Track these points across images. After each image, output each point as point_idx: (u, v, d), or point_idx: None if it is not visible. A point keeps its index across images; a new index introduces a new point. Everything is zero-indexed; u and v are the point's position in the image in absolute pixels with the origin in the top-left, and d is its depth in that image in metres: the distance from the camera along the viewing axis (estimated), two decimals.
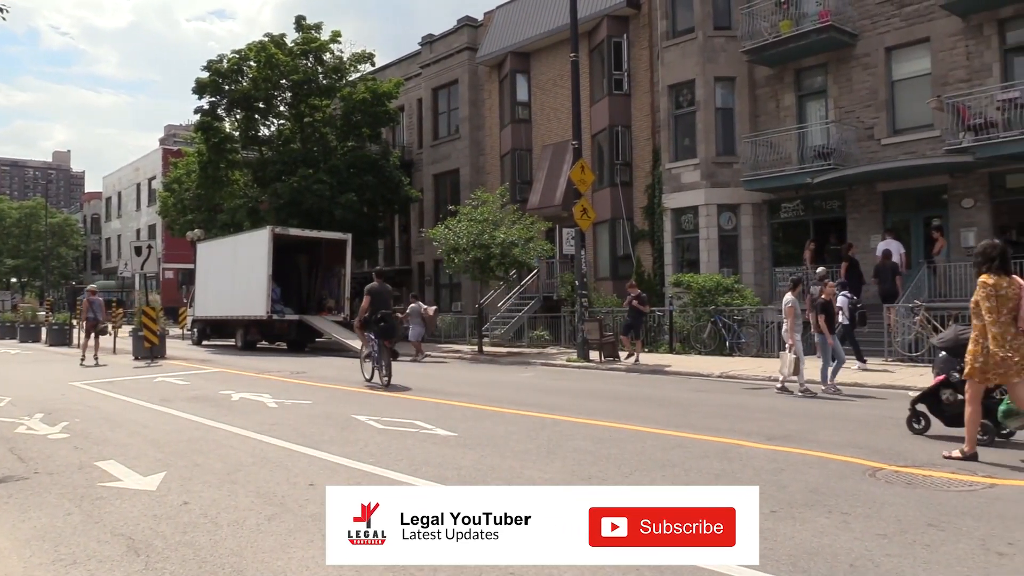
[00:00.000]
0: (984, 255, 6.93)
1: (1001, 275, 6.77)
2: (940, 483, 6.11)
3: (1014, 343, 6.62)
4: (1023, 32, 18.49)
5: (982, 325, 6.78)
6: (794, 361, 12.32)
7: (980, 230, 18.71)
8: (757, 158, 21.87)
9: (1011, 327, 6.66)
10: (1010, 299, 6.70)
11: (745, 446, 7.74)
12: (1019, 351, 6.61)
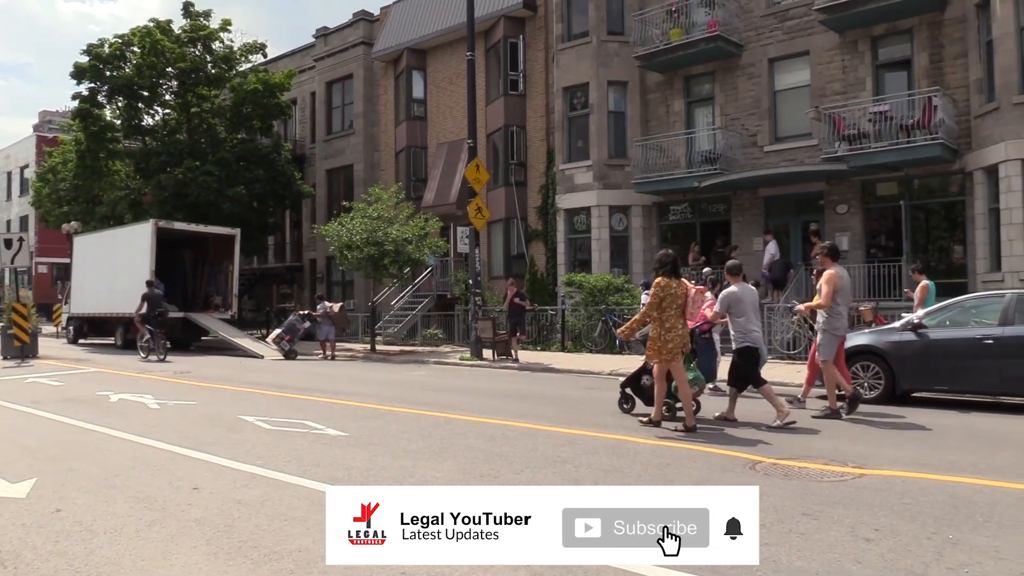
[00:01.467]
0: (660, 262, 8.93)
1: (671, 278, 8.66)
2: (814, 474, 6.42)
3: (674, 333, 8.51)
4: (893, 49, 19.63)
5: (658, 316, 8.55)
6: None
7: (853, 234, 19.79)
8: (648, 161, 22.45)
9: (678, 320, 8.62)
10: (678, 297, 8.67)
11: (633, 442, 7.93)
12: (675, 339, 8.51)
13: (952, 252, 19.02)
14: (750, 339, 9.21)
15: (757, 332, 9.34)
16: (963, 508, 5.32)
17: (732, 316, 9.32)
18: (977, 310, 11.29)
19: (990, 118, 17.08)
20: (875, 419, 9.61)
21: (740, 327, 9.24)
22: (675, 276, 8.72)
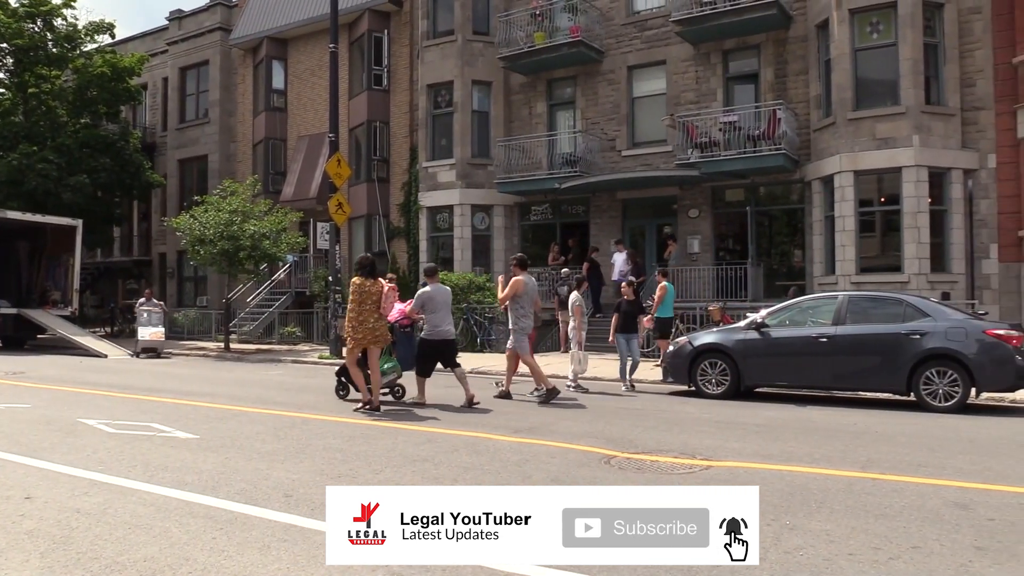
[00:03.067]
0: (359, 264, 10.36)
1: (367, 278, 10.02)
2: (666, 467, 6.68)
3: (364, 326, 9.87)
4: (743, 63, 20.70)
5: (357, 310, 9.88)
6: (585, 358, 12.57)
7: (703, 238, 20.72)
8: (510, 162, 22.70)
9: (372, 314, 9.95)
10: (373, 294, 10.00)
11: (493, 439, 8.00)
12: (365, 331, 9.88)
13: (792, 256, 20.24)
14: (437, 333, 10.69)
15: (445, 326, 10.79)
16: (799, 495, 5.67)
17: (426, 312, 10.72)
18: (813, 310, 12.08)
19: (827, 132, 18.29)
20: (722, 413, 10.10)
21: (431, 323, 10.71)
22: (371, 276, 10.14)
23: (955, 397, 10.43)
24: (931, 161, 17.06)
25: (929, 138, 17.10)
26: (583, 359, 12.57)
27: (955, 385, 10.45)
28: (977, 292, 17.19)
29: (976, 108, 17.51)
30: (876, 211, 17.90)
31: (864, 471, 6.56)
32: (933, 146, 17.12)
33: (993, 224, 17.33)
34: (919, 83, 17.13)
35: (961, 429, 8.97)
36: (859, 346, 11.13)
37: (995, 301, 17.08)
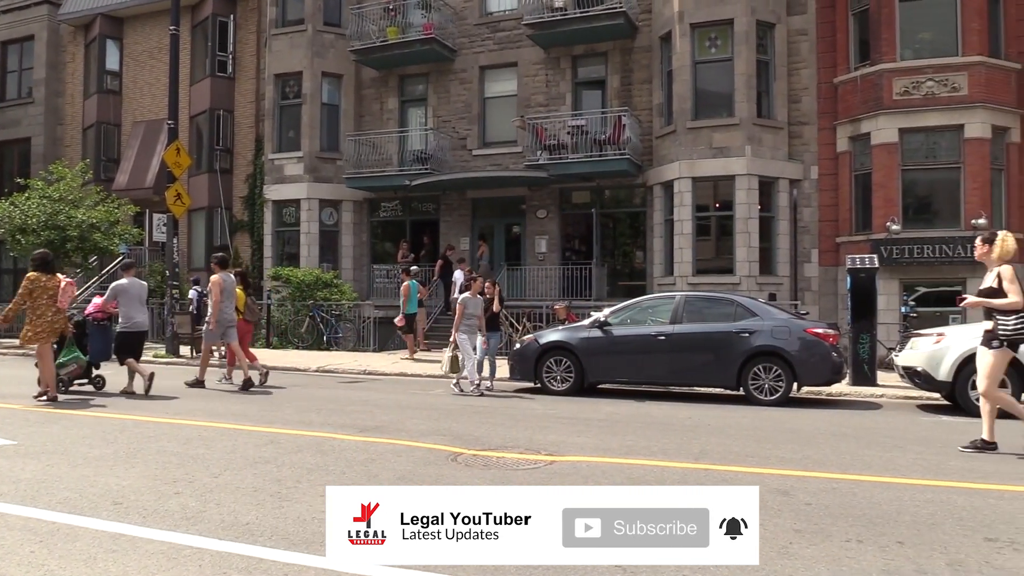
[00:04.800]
0: (34, 260, 10.54)
1: (43, 273, 10.23)
2: (511, 463, 6.77)
3: (43, 319, 10.15)
4: (591, 70, 21.30)
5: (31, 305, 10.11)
6: (452, 359, 12.32)
7: (551, 238, 21.18)
8: (360, 157, 22.36)
9: (48, 308, 10.19)
10: (48, 288, 10.20)
11: (339, 439, 7.85)
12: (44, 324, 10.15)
13: (635, 257, 21.02)
14: (133, 325, 11.42)
15: (139, 319, 11.54)
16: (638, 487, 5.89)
17: (120, 305, 11.38)
18: (653, 310, 12.61)
19: (668, 139, 19.12)
20: (566, 409, 10.35)
21: (125, 315, 11.37)
22: (47, 271, 10.31)
23: (779, 391, 11.18)
24: (761, 171, 18.19)
25: (760, 149, 18.23)
26: (447, 360, 12.41)
27: (779, 380, 11.21)
28: (800, 293, 18.48)
29: (801, 123, 18.81)
30: (711, 216, 18.88)
31: (697, 462, 6.90)
32: (763, 156, 18.26)
33: (814, 231, 18.68)
34: (752, 97, 18.22)
35: (784, 421, 9.60)
36: (694, 344, 11.71)
37: (815, 302, 18.42)
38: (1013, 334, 7.22)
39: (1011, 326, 7.21)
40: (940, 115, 16.88)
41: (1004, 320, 7.25)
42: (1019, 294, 7.14)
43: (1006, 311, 7.21)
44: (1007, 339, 7.26)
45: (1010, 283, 7.19)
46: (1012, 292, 7.14)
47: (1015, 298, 7.12)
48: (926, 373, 10.75)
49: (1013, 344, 7.31)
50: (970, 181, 16.65)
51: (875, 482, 6.20)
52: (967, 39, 16.82)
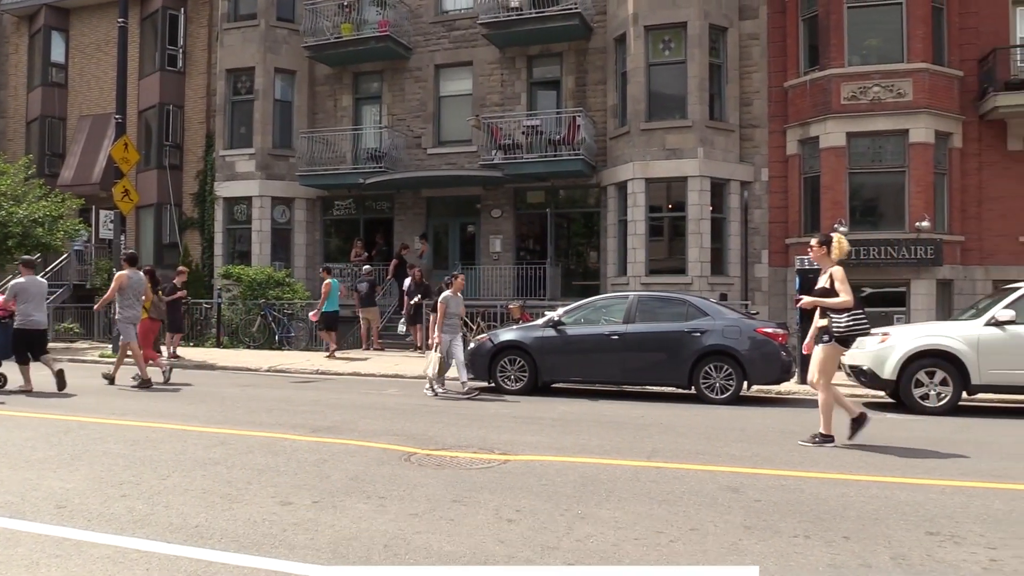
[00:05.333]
0: None
1: None
2: (464, 462, 6.77)
3: None
4: (546, 70, 21.37)
5: None
6: (439, 360, 11.76)
7: (505, 237, 21.21)
8: (313, 154, 22.14)
9: None
10: None
11: (290, 439, 7.77)
12: None
13: (589, 257, 21.15)
14: (30, 323, 11.41)
15: (37, 316, 11.50)
16: (590, 486, 5.94)
17: (19, 303, 11.38)
18: (606, 309, 12.69)
19: (622, 140, 19.27)
20: (520, 409, 10.38)
21: (23, 312, 11.39)
22: None
23: (730, 390, 11.36)
24: (713, 172, 18.43)
25: (712, 151, 18.47)
26: (435, 361, 11.82)
27: (730, 379, 11.38)
28: (750, 293, 18.77)
29: (752, 126, 19.11)
30: (664, 216, 19.07)
31: (649, 460, 6.97)
32: (715, 158, 18.50)
33: (765, 232, 18.99)
34: (704, 99, 18.46)
35: (734, 419, 9.74)
36: (647, 343, 11.82)
37: (765, 302, 18.73)
38: (845, 331, 7.67)
39: (843, 324, 7.66)
40: (886, 120, 17.29)
41: (837, 318, 7.70)
42: (849, 293, 7.64)
43: (839, 310, 7.66)
44: (839, 336, 7.72)
45: (841, 283, 7.67)
46: (843, 292, 7.63)
47: (846, 297, 7.60)
48: (872, 372, 11.03)
49: (844, 340, 7.78)
50: (914, 185, 17.08)
51: (822, 478, 6.33)
52: (912, 46, 17.24)
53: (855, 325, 7.66)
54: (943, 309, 17.26)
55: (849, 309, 7.64)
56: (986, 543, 4.64)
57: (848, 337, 7.75)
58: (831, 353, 7.86)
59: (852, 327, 7.65)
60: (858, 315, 7.68)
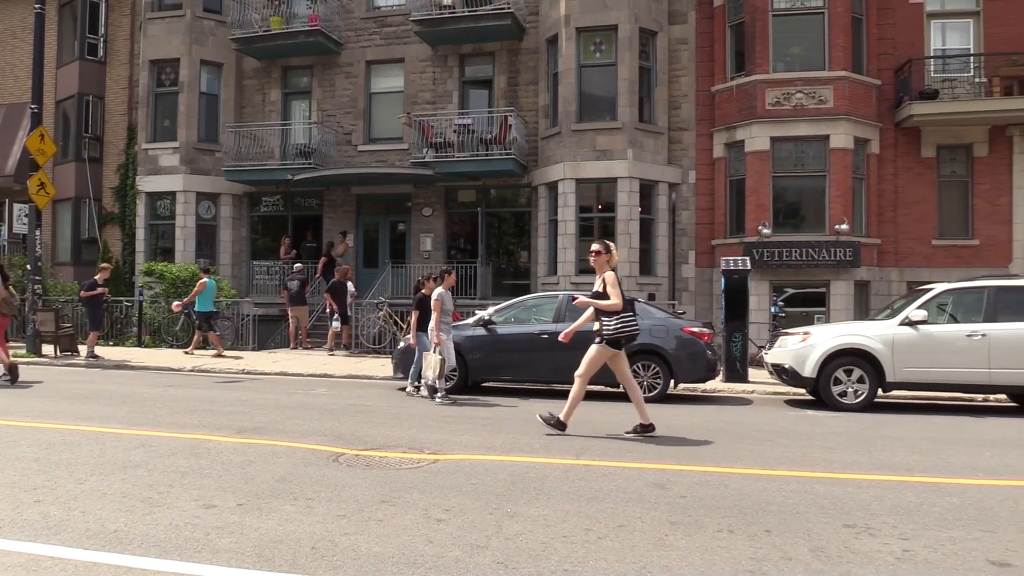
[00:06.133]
0: None
1: None
2: (394, 462, 6.72)
3: None
4: (478, 69, 21.36)
5: None
6: (440, 362, 10.93)
7: (436, 236, 21.13)
8: (240, 149, 21.69)
9: None
10: None
11: (215, 440, 7.61)
12: None
13: (520, 256, 21.22)
14: None
15: None
16: (520, 484, 5.97)
17: None
18: (536, 308, 12.77)
19: (553, 141, 19.40)
20: (450, 408, 10.36)
21: None
22: None
23: (658, 388, 11.55)
24: (642, 174, 18.69)
25: (641, 153, 18.73)
26: (436, 363, 10.95)
27: (658, 377, 11.58)
28: (678, 293, 19.12)
29: (681, 129, 19.45)
30: (594, 217, 19.25)
31: (578, 458, 7.04)
32: (644, 160, 18.77)
33: (692, 233, 19.36)
34: (634, 102, 18.71)
35: (662, 417, 9.89)
36: (576, 342, 11.89)
37: (692, 302, 19.10)
38: (614, 333, 8.07)
39: (611, 326, 8.07)
40: (808, 125, 17.80)
41: (607, 320, 8.10)
42: (619, 297, 8.06)
43: (609, 312, 8.07)
44: (608, 338, 8.10)
45: (612, 287, 8.11)
46: (613, 296, 8.06)
47: (615, 301, 8.03)
48: (793, 370, 11.35)
49: (613, 342, 8.15)
50: (834, 189, 17.62)
51: (745, 474, 6.49)
52: (833, 55, 17.79)
53: (623, 327, 8.07)
54: (861, 309, 17.87)
55: (618, 312, 8.04)
56: (899, 534, 4.83)
57: (617, 339, 8.11)
58: (599, 353, 8.21)
59: (621, 329, 8.06)
60: (627, 318, 8.09)
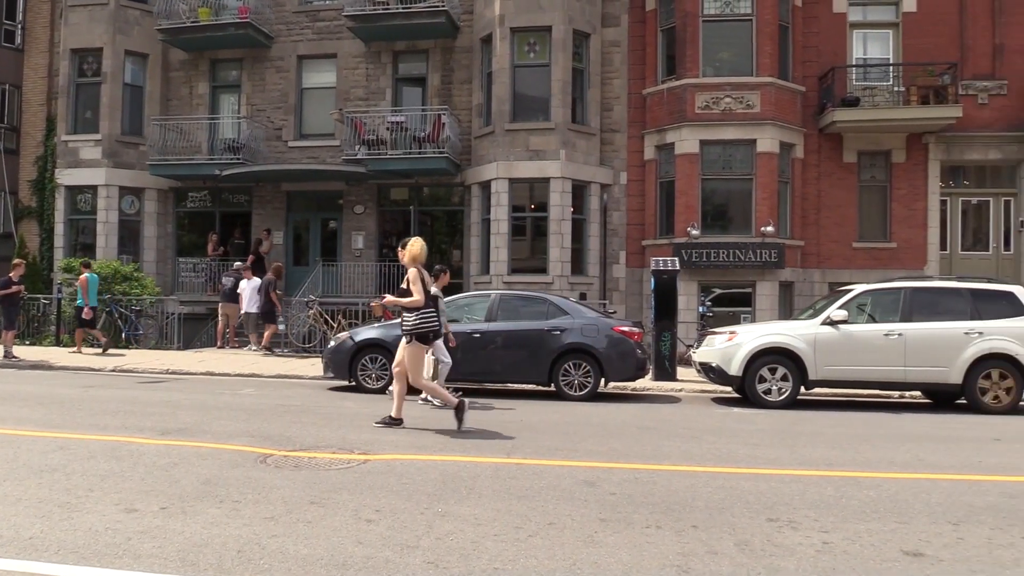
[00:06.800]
0: None
1: None
2: (323, 463, 6.65)
3: None
4: (412, 66, 21.23)
5: None
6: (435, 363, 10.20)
7: (368, 234, 20.94)
8: (166, 143, 21.10)
9: None
10: None
11: (137, 443, 7.40)
12: None
13: (452, 255, 21.16)
14: None
15: None
16: (451, 483, 5.97)
17: None
18: (469, 308, 12.77)
19: (487, 140, 19.41)
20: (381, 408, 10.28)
21: None
22: None
23: (588, 387, 11.68)
24: (574, 174, 18.85)
25: (574, 153, 18.89)
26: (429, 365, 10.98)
27: (588, 376, 11.71)
28: (608, 293, 19.34)
29: (613, 130, 19.68)
30: (527, 217, 19.34)
31: (509, 457, 7.07)
32: (577, 161, 18.93)
33: (623, 234, 19.61)
34: (567, 103, 18.86)
35: (592, 415, 10.02)
36: (509, 341, 11.98)
37: (623, 301, 19.35)
38: (413, 328, 8.27)
39: (411, 322, 8.28)
40: (736, 129, 18.20)
41: (408, 316, 8.33)
42: (420, 293, 8.25)
43: (411, 308, 8.27)
44: (410, 333, 8.29)
45: (412, 284, 8.29)
46: (414, 291, 8.26)
47: (416, 297, 8.21)
48: (720, 368, 11.60)
49: (420, 337, 8.33)
50: (760, 192, 18.06)
51: (673, 471, 6.62)
52: (761, 61, 18.23)
53: (423, 323, 8.25)
54: (785, 309, 18.36)
55: (419, 308, 8.21)
56: (819, 527, 4.99)
57: (421, 334, 8.27)
58: (413, 351, 8.33)
59: (420, 324, 8.24)
60: (427, 313, 8.27)
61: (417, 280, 8.22)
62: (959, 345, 11.09)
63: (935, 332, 11.19)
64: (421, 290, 8.22)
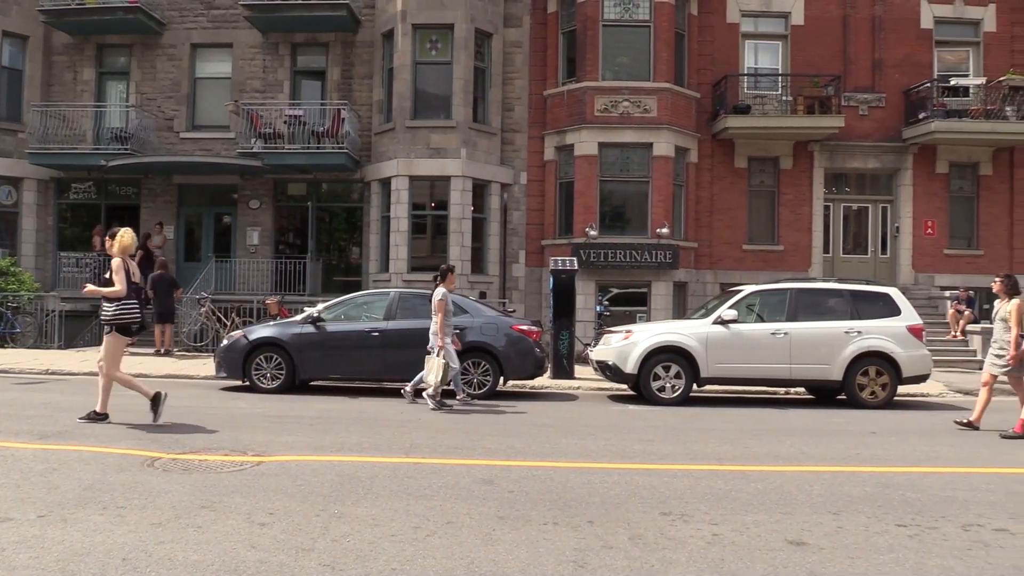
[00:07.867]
0: None
1: None
2: (215, 466, 6.45)
3: None
4: (311, 59, 20.83)
5: None
6: (443, 366, 10.36)
7: (264, 230, 20.44)
8: (48, 131, 20.01)
9: None
10: None
11: (12, 447, 7.01)
12: None
13: (351, 252, 20.89)
14: None
15: None
16: (348, 484, 5.89)
17: None
18: (367, 306, 12.64)
19: (387, 136, 19.23)
20: (276, 408, 10.06)
21: None
22: None
23: (487, 385, 11.73)
24: (475, 173, 18.89)
25: (475, 152, 18.92)
26: (438, 367, 10.37)
27: (487, 374, 11.76)
28: (508, 292, 19.46)
29: (513, 130, 19.82)
30: (427, 215, 19.27)
31: (407, 456, 7.03)
32: (478, 160, 18.97)
33: (523, 233, 19.77)
34: (469, 102, 18.87)
35: (491, 414, 10.06)
36: (407, 340, 11.88)
37: (522, 300, 19.51)
38: (111, 319, 8.32)
39: (110, 312, 8.33)
40: (633, 133, 18.61)
41: (107, 307, 8.39)
42: (123, 284, 8.30)
43: (111, 298, 8.33)
44: (110, 323, 8.33)
45: (116, 273, 8.35)
46: (117, 282, 8.30)
47: (118, 287, 8.27)
48: (616, 366, 11.84)
49: (122, 329, 8.37)
50: (656, 194, 18.53)
51: (570, 468, 6.72)
52: (658, 67, 18.69)
53: (122, 314, 8.27)
54: (679, 308, 18.90)
55: (120, 299, 8.25)
56: (710, 519, 5.16)
57: (122, 325, 8.29)
58: (111, 342, 8.32)
59: (119, 315, 8.26)
60: (128, 305, 8.32)
61: (121, 270, 8.17)
62: (840, 343, 11.66)
63: (818, 331, 11.73)
64: (124, 280, 8.17)
